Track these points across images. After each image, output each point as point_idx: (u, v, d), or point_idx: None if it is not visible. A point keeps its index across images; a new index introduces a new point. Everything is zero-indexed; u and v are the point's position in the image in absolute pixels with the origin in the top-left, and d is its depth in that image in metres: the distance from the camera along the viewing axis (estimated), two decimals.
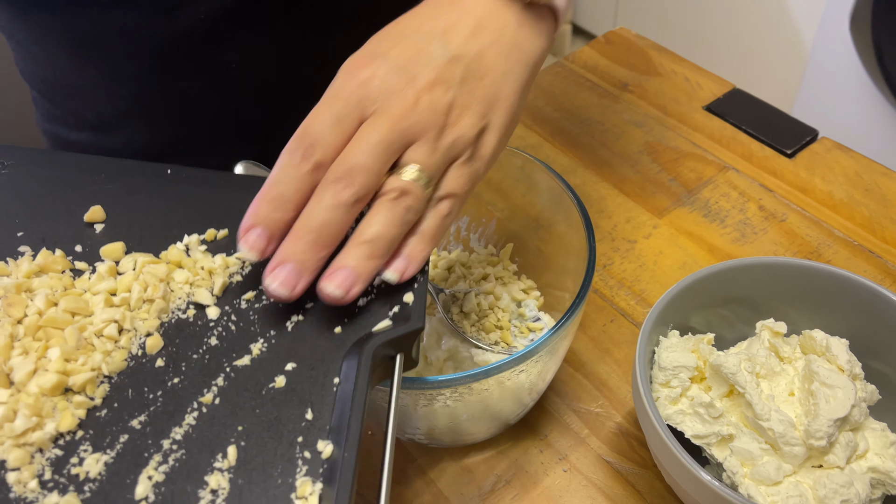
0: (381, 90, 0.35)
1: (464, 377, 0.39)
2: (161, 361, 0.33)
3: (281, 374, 0.33)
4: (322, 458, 0.30)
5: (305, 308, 0.35)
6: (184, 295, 0.35)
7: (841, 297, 0.46)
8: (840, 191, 0.65)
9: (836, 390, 0.41)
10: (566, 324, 0.42)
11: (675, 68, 0.78)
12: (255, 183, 0.40)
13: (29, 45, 0.61)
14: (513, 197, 0.56)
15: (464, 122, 0.36)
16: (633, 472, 0.49)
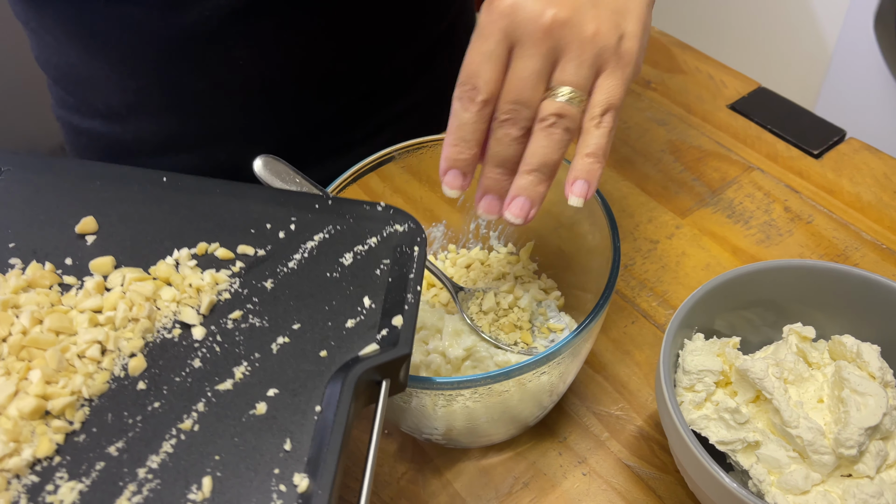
0: (522, 18, 0.37)
1: (484, 378, 0.39)
2: (143, 384, 0.32)
3: (262, 401, 0.31)
4: (297, 492, 0.29)
5: (292, 329, 0.34)
6: (170, 313, 0.34)
7: (870, 301, 0.45)
8: (868, 192, 0.63)
9: (867, 398, 0.39)
10: (589, 326, 0.41)
11: (699, 66, 0.77)
12: (252, 192, 0.39)
13: (42, 33, 0.61)
14: None
15: (602, 33, 0.38)
16: (653, 476, 0.48)
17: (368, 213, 0.39)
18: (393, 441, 0.51)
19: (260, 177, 0.45)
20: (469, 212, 0.57)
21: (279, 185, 0.45)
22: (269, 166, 0.46)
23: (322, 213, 0.39)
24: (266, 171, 0.45)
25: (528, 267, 0.55)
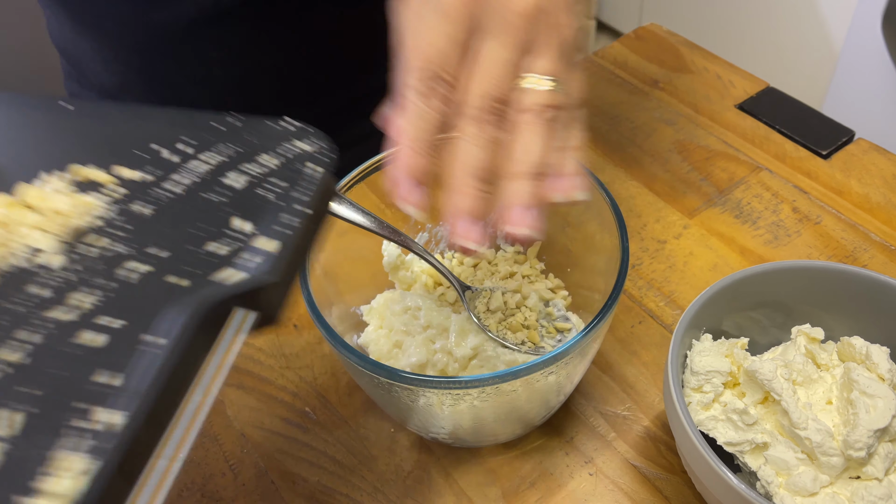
0: (495, 3, 0.33)
1: (492, 377, 0.38)
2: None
3: (105, 333, 0.28)
4: (112, 431, 0.25)
5: (159, 258, 0.31)
6: (31, 240, 0.32)
7: (880, 303, 0.45)
8: (877, 193, 0.63)
9: (876, 400, 0.39)
10: (598, 326, 0.41)
11: (706, 65, 0.76)
12: (151, 114, 0.36)
13: (44, 5, 0.65)
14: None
15: (566, 22, 0.34)
16: (660, 477, 0.48)
17: (270, 130, 0.35)
18: (399, 439, 0.51)
19: None
20: None
21: None
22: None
23: (217, 132, 0.36)
24: None
25: (536, 266, 0.55)
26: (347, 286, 0.52)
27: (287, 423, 0.52)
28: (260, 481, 0.50)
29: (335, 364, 0.55)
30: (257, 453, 0.51)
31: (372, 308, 0.52)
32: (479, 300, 0.50)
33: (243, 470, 0.50)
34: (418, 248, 0.48)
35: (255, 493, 0.49)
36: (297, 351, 0.56)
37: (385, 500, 0.48)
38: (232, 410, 0.53)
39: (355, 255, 0.53)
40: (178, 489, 0.49)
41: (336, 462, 0.50)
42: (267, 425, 0.52)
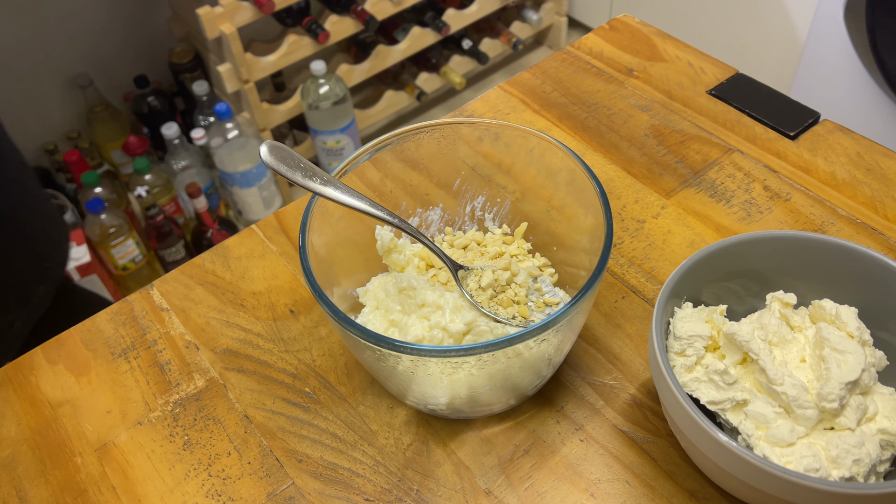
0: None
1: (489, 345, 0.41)
2: None
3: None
4: None
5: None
6: None
7: (848, 268, 0.48)
8: (842, 171, 0.66)
9: (846, 355, 0.42)
10: (584, 296, 0.43)
11: (678, 54, 0.79)
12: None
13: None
14: (524, 179, 0.57)
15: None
16: (647, 440, 0.50)
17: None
18: (398, 414, 0.53)
19: (266, 162, 0.47)
20: (465, 195, 0.59)
21: (285, 169, 0.47)
22: (275, 152, 0.47)
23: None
24: (272, 157, 0.47)
25: (523, 247, 0.58)
26: (343, 270, 0.54)
27: (288, 404, 0.54)
28: (265, 460, 0.51)
29: (333, 346, 0.57)
30: (260, 433, 0.53)
31: (368, 290, 0.54)
32: (471, 279, 0.52)
33: (247, 450, 0.52)
34: (412, 230, 0.50)
35: (261, 471, 0.51)
36: (294, 335, 0.58)
37: (386, 471, 0.50)
38: (234, 393, 0.55)
39: (349, 241, 0.55)
40: (185, 470, 0.51)
41: (337, 438, 0.52)
42: (269, 406, 0.54)
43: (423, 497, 0.49)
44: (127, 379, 0.56)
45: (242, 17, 1.58)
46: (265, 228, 0.66)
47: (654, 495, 0.48)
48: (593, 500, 0.48)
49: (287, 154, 0.48)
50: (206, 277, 0.62)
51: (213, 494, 0.50)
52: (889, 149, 0.68)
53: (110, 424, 0.54)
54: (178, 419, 0.54)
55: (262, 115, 1.73)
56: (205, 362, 0.57)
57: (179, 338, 0.58)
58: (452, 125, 0.55)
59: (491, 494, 0.49)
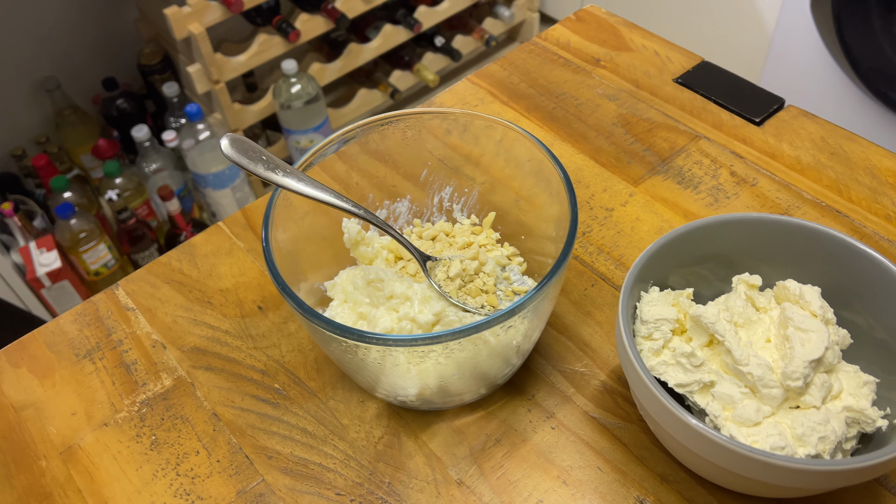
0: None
1: (455, 332, 0.40)
2: None
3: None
4: None
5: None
6: None
7: (812, 249, 0.48)
8: (807, 155, 0.67)
9: (810, 334, 0.42)
10: (550, 281, 0.43)
11: (645, 43, 0.80)
12: None
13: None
14: (493, 170, 0.57)
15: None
16: (618, 426, 0.50)
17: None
18: (369, 408, 0.52)
19: (227, 155, 0.46)
20: (432, 186, 0.59)
21: (246, 162, 0.47)
22: (236, 145, 0.47)
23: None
24: (233, 150, 0.47)
25: (491, 236, 0.57)
26: (310, 264, 0.54)
27: (257, 401, 0.53)
28: (234, 457, 0.51)
29: (302, 342, 0.57)
30: (229, 431, 0.52)
31: (335, 283, 0.53)
32: (439, 269, 0.52)
33: (216, 448, 0.51)
34: (379, 222, 0.49)
35: (230, 469, 0.50)
36: (263, 332, 0.57)
37: (357, 465, 0.50)
38: (202, 392, 0.54)
39: (316, 234, 0.54)
40: (152, 470, 0.50)
41: (308, 433, 0.51)
42: (237, 403, 0.53)
43: (394, 490, 0.48)
44: (92, 380, 0.55)
45: (211, 17, 1.57)
46: (232, 225, 0.65)
47: (626, 480, 0.48)
48: (565, 487, 0.48)
49: (248, 146, 0.47)
50: (172, 276, 0.62)
51: (182, 494, 0.49)
52: (852, 132, 0.69)
53: (75, 427, 0.53)
54: (144, 419, 0.53)
55: (233, 115, 1.72)
56: (172, 361, 0.56)
57: (146, 337, 0.58)
58: (417, 115, 0.55)
59: (463, 485, 0.48)
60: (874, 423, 0.42)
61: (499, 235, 0.58)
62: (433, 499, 0.48)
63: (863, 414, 0.42)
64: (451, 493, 0.48)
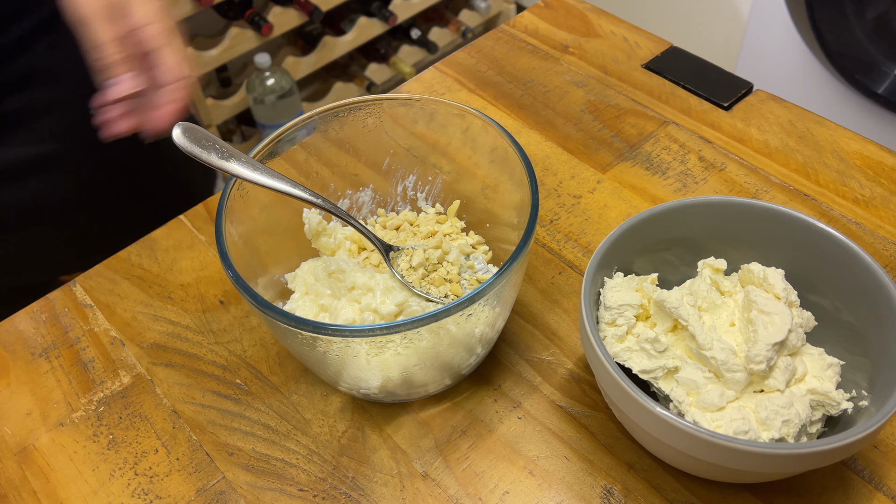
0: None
1: (414, 321, 0.40)
2: None
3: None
4: None
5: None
6: None
7: (777, 232, 0.48)
8: (775, 139, 0.66)
9: (773, 316, 0.42)
10: (511, 267, 0.42)
11: (613, 29, 0.79)
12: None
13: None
14: (459, 159, 0.56)
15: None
16: (585, 414, 0.50)
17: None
18: (332, 402, 0.51)
19: (179, 144, 0.45)
20: (395, 175, 0.58)
21: (199, 151, 0.45)
22: (189, 133, 0.45)
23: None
24: (185, 139, 0.45)
25: (456, 225, 0.56)
26: (271, 257, 0.52)
27: (218, 396, 0.52)
28: (194, 455, 0.49)
29: (264, 336, 0.55)
30: (189, 428, 0.51)
31: (296, 275, 0.52)
32: (402, 258, 0.51)
33: (176, 445, 0.50)
34: (338, 211, 0.48)
35: (190, 467, 0.49)
36: (224, 326, 0.56)
37: (320, 460, 0.49)
38: (161, 388, 0.53)
39: (277, 227, 0.53)
40: (109, 470, 0.49)
41: (270, 429, 0.50)
42: (198, 400, 0.52)
43: (358, 484, 0.47)
44: (48, 379, 0.54)
45: (181, 11, 1.54)
46: (194, 219, 0.64)
47: (593, 469, 0.47)
48: (532, 477, 0.47)
49: (201, 135, 0.46)
50: (131, 271, 0.60)
51: (140, 493, 0.48)
52: (820, 116, 0.68)
53: (30, 427, 0.51)
54: (102, 418, 0.51)
55: (206, 111, 1.70)
56: (131, 358, 0.55)
57: (104, 334, 0.56)
58: (378, 102, 0.54)
59: (428, 477, 0.47)
60: (839, 405, 0.42)
61: (464, 224, 0.57)
62: (397, 492, 0.47)
63: (827, 396, 0.42)
64: (416, 486, 0.47)
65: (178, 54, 0.54)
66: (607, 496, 0.46)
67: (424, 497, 0.47)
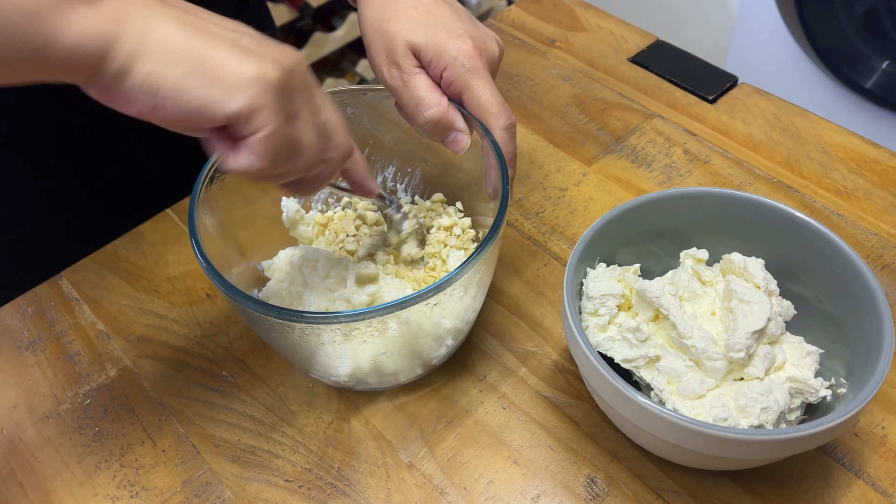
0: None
1: (377, 309, 0.39)
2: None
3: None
4: None
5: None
6: None
7: (759, 223, 0.48)
8: (759, 132, 0.67)
9: (752, 305, 0.42)
10: (479, 256, 0.42)
11: (600, 23, 0.79)
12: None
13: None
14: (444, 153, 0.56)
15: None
16: (569, 404, 0.50)
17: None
18: (318, 393, 0.52)
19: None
20: (374, 166, 0.58)
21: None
22: None
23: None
24: None
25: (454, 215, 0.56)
26: (250, 246, 0.52)
27: (205, 389, 0.52)
28: (180, 447, 0.50)
29: (251, 329, 0.56)
30: (176, 420, 0.51)
31: (272, 263, 0.52)
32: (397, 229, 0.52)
33: (162, 437, 0.50)
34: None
35: (176, 458, 0.49)
36: (211, 319, 0.56)
37: (307, 451, 0.49)
38: (148, 381, 0.53)
39: (257, 215, 0.53)
40: (95, 462, 0.49)
41: (256, 421, 0.51)
42: (184, 392, 0.52)
43: (343, 474, 0.48)
44: (34, 372, 0.54)
45: None
46: (181, 212, 0.64)
47: (577, 458, 0.48)
48: (516, 466, 0.47)
49: None
50: (118, 265, 0.60)
51: (126, 485, 0.48)
52: (804, 108, 0.69)
53: (16, 420, 0.51)
54: (88, 411, 0.52)
55: None
56: (117, 351, 0.55)
57: (90, 327, 0.56)
58: (357, 92, 0.53)
59: (413, 467, 0.48)
60: (817, 392, 0.42)
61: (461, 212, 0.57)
62: (383, 482, 0.47)
63: (805, 384, 0.42)
64: (402, 475, 0.47)
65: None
66: (591, 485, 0.46)
67: (409, 487, 0.47)
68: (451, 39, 0.47)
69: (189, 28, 0.34)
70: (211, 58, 0.33)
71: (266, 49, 0.36)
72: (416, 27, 0.48)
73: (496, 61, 0.50)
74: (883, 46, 1.29)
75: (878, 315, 0.41)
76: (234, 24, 0.37)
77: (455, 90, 0.48)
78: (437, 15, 0.49)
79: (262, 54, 0.35)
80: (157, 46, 0.33)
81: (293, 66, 0.36)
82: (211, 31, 0.34)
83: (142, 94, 0.33)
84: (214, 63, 0.33)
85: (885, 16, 1.29)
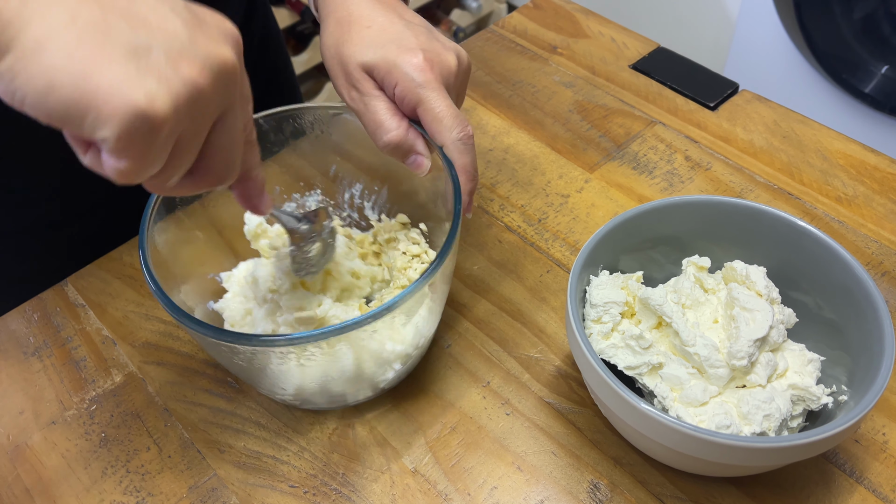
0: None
1: (314, 335, 0.39)
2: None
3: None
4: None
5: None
6: None
7: (761, 231, 0.49)
8: (760, 139, 0.67)
9: (755, 313, 0.43)
10: (422, 283, 0.41)
11: (601, 30, 0.80)
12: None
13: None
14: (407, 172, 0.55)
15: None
16: (573, 411, 0.50)
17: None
18: None
19: None
20: (342, 182, 0.58)
21: None
22: None
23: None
24: None
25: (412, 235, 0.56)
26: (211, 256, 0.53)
27: (210, 395, 0.53)
28: (186, 452, 0.50)
29: None
30: (181, 426, 0.51)
31: (232, 275, 0.53)
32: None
33: (168, 443, 0.50)
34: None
35: (182, 464, 0.49)
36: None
37: (312, 457, 0.49)
38: (153, 387, 0.53)
39: (225, 226, 0.54)
40: (102, 468, 0.49)
41: (261, 427, 0.51)
42: (190, 398, 0.53)
43: (348, 480, 0.48)
44: (40, 378, 0.54)
45: None
46: (187, 218, 0.64)
47: (580, 465, 0.48)
48: (520, 473, 0.48)
49: None
50: (123, 271, 0.61)
51: (132, 491, 0.48)
52: (804, 115, 0.69)
53: (23, 426, 0.52)
54: (94, 416, 0.52)
55: None
56: (123, 357, 0.55)
57: (96, 333, 0.57)
58: (323, 109, 0.53)
59: (418, 473, 0.48)
60: (819, 400, 0.43)
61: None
62: (387, 488, 0.48)
63: (807, 391, 0.43)
64: (406, 482, 0.48)
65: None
66: (594, 491, 0.47)
67: (414, 493, 0.47)
68: (401, 54, 0.46)
69: (79, 28, 0.27)
70: (91, 75, 0.27)
71: (186, 54, 0.29)
72: (367, 47, 0.47)
73: (452, 73, 0.48)
74: (882, 51, 1.30)
75: (878, 322, 0.42)
76: (176, 7, 0.30)
77: (409, 106, 0.47)
78: (389, 32, 0.47)
79: (166, 68, 0.28)
80: (29, 46, 0.27)
81: (206, 83, 0.30)
82: (112, 31, 0.28)
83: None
84: (93, 83, 0.27)
85: (883, 21, 1.29)
